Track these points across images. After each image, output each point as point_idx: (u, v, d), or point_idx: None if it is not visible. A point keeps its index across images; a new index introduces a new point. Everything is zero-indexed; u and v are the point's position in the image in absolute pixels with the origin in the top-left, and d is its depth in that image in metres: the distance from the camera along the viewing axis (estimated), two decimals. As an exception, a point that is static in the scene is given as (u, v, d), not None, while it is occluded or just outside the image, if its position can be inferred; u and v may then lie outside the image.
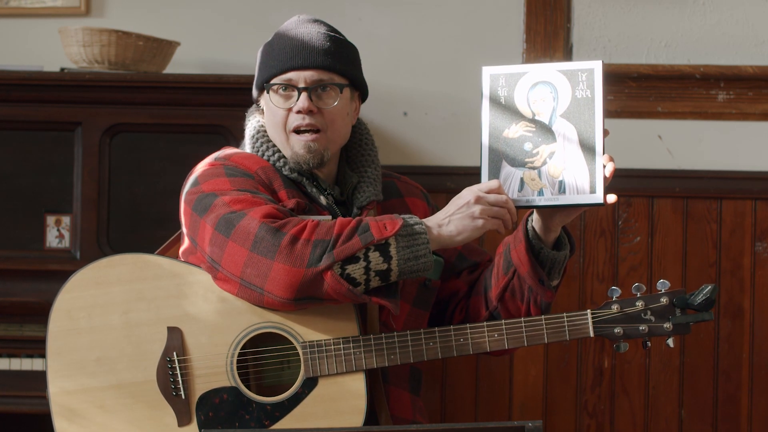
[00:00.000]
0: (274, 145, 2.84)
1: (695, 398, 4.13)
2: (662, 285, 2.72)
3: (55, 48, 4.09)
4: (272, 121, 2.82)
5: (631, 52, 4.18)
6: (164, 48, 3.99)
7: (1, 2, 4.23)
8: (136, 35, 3.93)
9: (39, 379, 2.97)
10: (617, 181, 4.23)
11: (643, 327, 2.71)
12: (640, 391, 4.15)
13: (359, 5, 4.19)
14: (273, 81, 2.80)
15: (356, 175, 2.88)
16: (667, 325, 2.71)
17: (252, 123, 2.89)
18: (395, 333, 2.67)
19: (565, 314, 2.70)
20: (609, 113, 4.17)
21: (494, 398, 4.14)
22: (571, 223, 4.16)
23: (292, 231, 2.59)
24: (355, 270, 2.58)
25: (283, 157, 2.82)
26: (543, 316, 2.70)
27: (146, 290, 2.75)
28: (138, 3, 4.23)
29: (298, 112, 2.77)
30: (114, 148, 3.93)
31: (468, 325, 2.70)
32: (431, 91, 4.17)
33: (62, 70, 3.97)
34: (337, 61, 2.80)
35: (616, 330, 2.70)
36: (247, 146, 2.87)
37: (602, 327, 2.70)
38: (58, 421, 2.76)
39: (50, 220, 3.93)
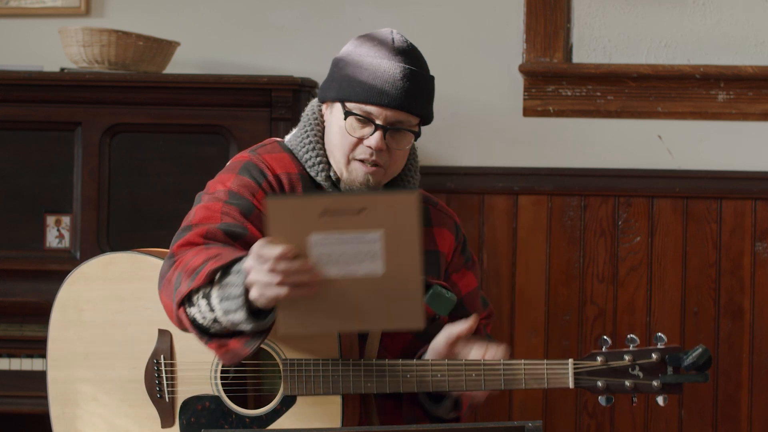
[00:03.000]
0: (323, 148, 2.78)
1: (695, 398, 4.13)
2: (658, 339, 2.59)
3: (55, 48, 4.09)
4: (338, 141, 2.74)
5: (631, 52, 4.18)
6: (164, 48, 3.99)
7: (1, 2, 4.23)
8: (136, 35, 3.94)
9: (39, 379, 2.99)
10: (618, 181, 4.24)
11: (629, 382, 2.56)
12: (640, 391, 4.15)
13: (359, 5, 4.19)
14: (352, 108, 2.72)
15: None
16: (656, 383, 2.55)
17: (309, 114, 2.83)
18: (374, 361, 2.62)
19: (545, 362, 2.59)
20: (609, 113, 4.18)
21: (494, 398, 4.14)
22: (571, 223, 4.19)
23: (175, 264, 2.57)
24: (195, 314, 2.54)
25: (324, 162, 2.77)
26: (523, 361, 2.60)
27: (141, 290, 2.76)
28: (138, 3, 4.23)
29: (369, 146, 2.71)
30: (114, 148, 3.93)
31: (447, 361, 2.63)
32: (431, 91, 4.17)
33: (62, 70, 3.97)
34: (419, 103, 2.73)
35: (598, 383, 2.56)
36: (296, 137, 2.82)
37: (583, 379, 2.57)
38: (53, 407, 2.81)
39: (50, 220, 3.93)
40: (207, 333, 2.55)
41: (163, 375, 2.74)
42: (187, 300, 2.54)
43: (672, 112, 4.15)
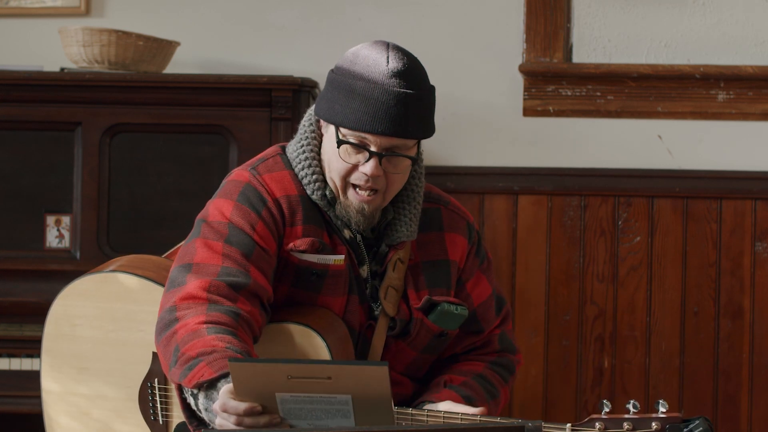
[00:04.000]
0: (319, 164, 2.73)
1: (695, 398, 4.13)
2: (660, 406, 2.48)
3: (55, 48, 4.09)
4: (334, 165, 2.69)
5: (631, 52, 4.18)
6: (164, 48, 3.99)
7: (1, 2, 4.23)
8: (136, 35, 3.93)
9: (39, 379, 3.00)
10: (618, 180, 4.24)
11: None
12: (640, 391, 4.15)
13: (359, 5, 4.19)
14: (346, 134, 2.66)
15: (392, 211, 2.76)
16: None
17: (306, 125, 2.78)
18: (397, 409, 2.54)
19: (542, 422, 2.48)
20: (609, 113, 4.18)
21: (494, 398, 4.14)
22: (571, 223, 4.19)
23: (176, 328, 2.53)
24: (189, 399, 2.53)
25: (320, 180, 2.72)
26: (521, 420, 2.50)
27: (134, 312, 2.77)
28: (138, 3, 4.23)
29: (364, 173, 2.65)
30: (114, 148, 3.93)
31: (443, 410, 2.56)
32: (431, 91, 4.17)
33: (62, 70, 3.97)
34: (415, 127, 2.65)
35: None
36: (293, 149, 2.77)
37: None
38: (47, 418, 2.83)
39: (50, 220, 3.93)
40: (197, 417, 2.54)
41: (157, 398, 2.73)
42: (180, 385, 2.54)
43: (672, 112, 4.15)
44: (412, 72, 2.67)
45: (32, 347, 3.80)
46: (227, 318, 2.54)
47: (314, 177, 2.71)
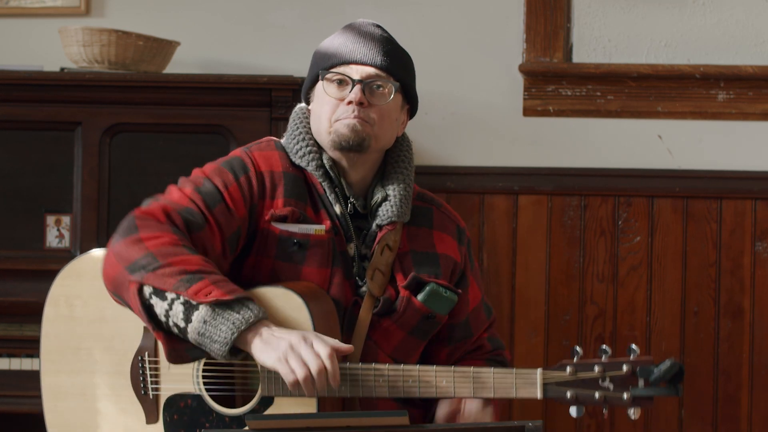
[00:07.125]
0: (312, 138, 2.81)
1: (695, 398, 4.13)
2: (631, 352, 2.50)
3: (55, 48, 4.09)
4: (320, 111, 2.80)
5: (631, 52, 4.18)
6: (164, 48, 3.99)
7: (1, 2, 4.24)
8: (136, 35, 3.94)
9: (39, 378, 3.00)
10: (618, 180, 4.24)
11: (598, 394, 2.50)
12: (640, 391, 4.15)
13: (359, 5, 4.20)
14: (329, 72, 2.80)
15: (383, 190, 2.82)
16: (626, 396, 2.48)
17: (297, 111, 2.88)
18: (348, 365, 2.60)
19: (515, 370, 2.55)
20: (609, 113, 4.18)
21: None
22: (571, 223, 4.19)
23: (141, 238, 2.60)
24: (157, 305, 2.57)
25: (314, 152, 2.79)
26: (493, 370, 2.56)
27: None
28: (138, 3, 4.23)
29: (349, 102, 2.74)
30: (114, 148, 3.93)
31: (418, 367, 2.59)
32: (431, 91, 4.17)
33: (62, 70, 3.97)
34: (395, 65, 2.80)
35: (567, 394, 2.51)
36: (286, 136, 2.86)
37: (552, 389, 2.52)
38: (45, 401, 2.84)
39: (50, 220, 3.93)
40: (156, 322, 2.59)
41: (147, 372, 2.75)
42: (154, 290, 2.56)
43: (672, 112, 4.15)
44: (385, 30, 2.87)
45: (32, 347, 3.80)
46: (191, 245, 2.62)
47: (308, 149, 2.79)
